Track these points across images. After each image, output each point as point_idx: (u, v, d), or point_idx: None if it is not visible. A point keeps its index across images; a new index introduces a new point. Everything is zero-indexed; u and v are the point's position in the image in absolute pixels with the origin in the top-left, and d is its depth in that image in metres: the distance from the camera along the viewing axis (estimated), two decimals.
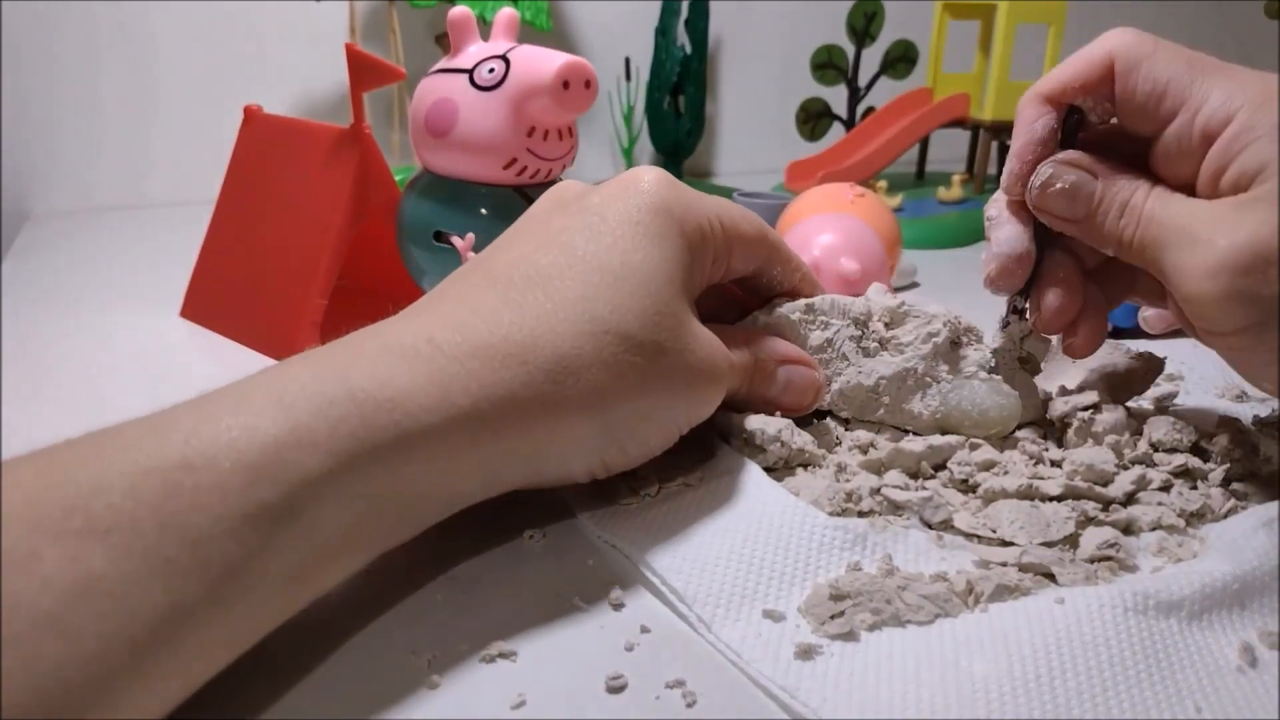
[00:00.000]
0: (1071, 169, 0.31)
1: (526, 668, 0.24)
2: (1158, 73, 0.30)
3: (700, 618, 0.26)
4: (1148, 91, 0.30)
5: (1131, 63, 0.30)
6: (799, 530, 0.28)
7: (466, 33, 0.43)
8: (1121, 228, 0.31)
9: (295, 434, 0.22)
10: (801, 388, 0.34)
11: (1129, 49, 0.30)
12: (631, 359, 0.27)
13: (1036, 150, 0.32)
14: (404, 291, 0.50)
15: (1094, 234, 0.32)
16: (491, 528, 0.30)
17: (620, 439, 0.28)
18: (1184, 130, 0.29)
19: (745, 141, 1.11)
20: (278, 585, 0.22)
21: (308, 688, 0.23)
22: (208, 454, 0.21)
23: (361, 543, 0.24)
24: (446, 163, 0.43)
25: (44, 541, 0.18)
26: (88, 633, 0.18)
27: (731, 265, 0.33)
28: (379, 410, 0.23)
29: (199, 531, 0.20)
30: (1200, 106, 0.29)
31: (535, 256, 0.28)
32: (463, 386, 0.25)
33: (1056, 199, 0.32)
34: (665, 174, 0.31)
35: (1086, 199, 0.31)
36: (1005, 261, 0.33)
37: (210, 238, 0.54)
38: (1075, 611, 0.24)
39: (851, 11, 0.86)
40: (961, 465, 0.32)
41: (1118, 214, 0.31)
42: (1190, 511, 0.30)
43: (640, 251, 0.29)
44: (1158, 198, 0.30)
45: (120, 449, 0.21)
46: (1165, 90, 0.30)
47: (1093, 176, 0.31)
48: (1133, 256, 0.31)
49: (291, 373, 0.24)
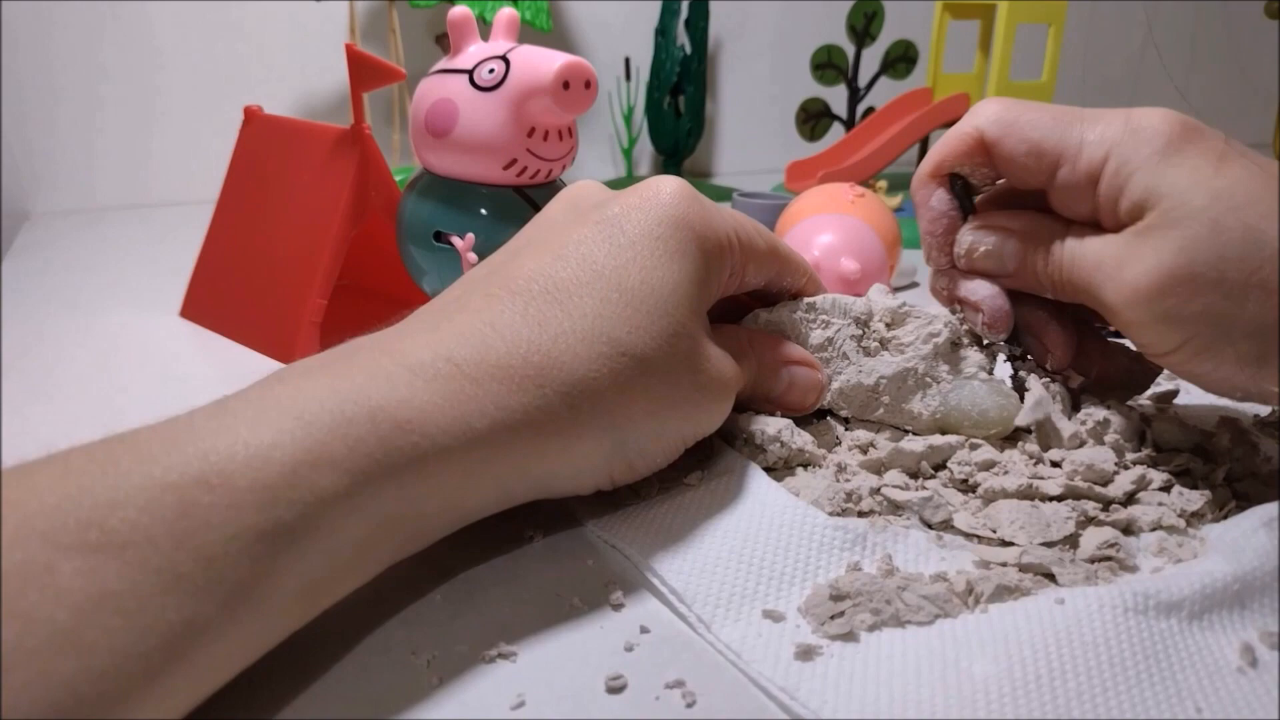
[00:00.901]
0: (989, 232, 0.34)
1: (526, 668, 0.24)
2: (1028, 134, 0.32)
3: (700, 618, 0.26)
4: (1024, 152, 0.32)
5: (1001, 131, 0.32)
6: (799, 530, 0.28)
7: (466, 33, 0.43)
8: (1050, 274, 0.33)
9: (313, 453, 0.22)
10: (804, 388, 0.34)
11: (996, 118, 0.32)
12: (646, 382, 0.28)
13: (942, 223, 0.35)
14: (404, 291, 0.51)
15: (1027, 283, 0.34)
16: (491, 528, 0.30)
17: (629, 456, 0.29)
18: (1070, 178, 0.31)
19: (745, 141, 1.11)
20: (288, 601, 0.22)
21: (307, 688, 0.23)
22: (225, 471, 0.21)
23: (373, 558, 0.24)
24: (446, 163, 0.43)
25: (60, 555, 0.18)
26: (101, 648, 0.18)
27: (745, 280, 0.33)
28: (397, 431, 0.23)
29: (214, 549, 0.20)
30: (1078, 154, 0.31)
31: (555, 269, 0.28)
32: (480, 409, 0.25)
33: (984, 261, 0.34)
34: (685, 185, 0.31)
35: (1011, 256, 0.33)
36: (993, 302, 0.34)
37: (210, 238, 0.54)
38: (1075, 612, 0.24)
39: (851, 11, 0.86)
40: (961, 465, 0.32)
41: (1043, 263, 0.33)
42: (1190, 511, 0.30)
43: (660, 269, 0.29)
44: (1073, 241, 0.32)
45: (137, 461, 0.20)
46: (1040, 148, 0.31)
47: (1009, 233, 0.33)
48: (1069, 296, 0.33)
49: (309, 387, 0.23)
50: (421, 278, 0.46)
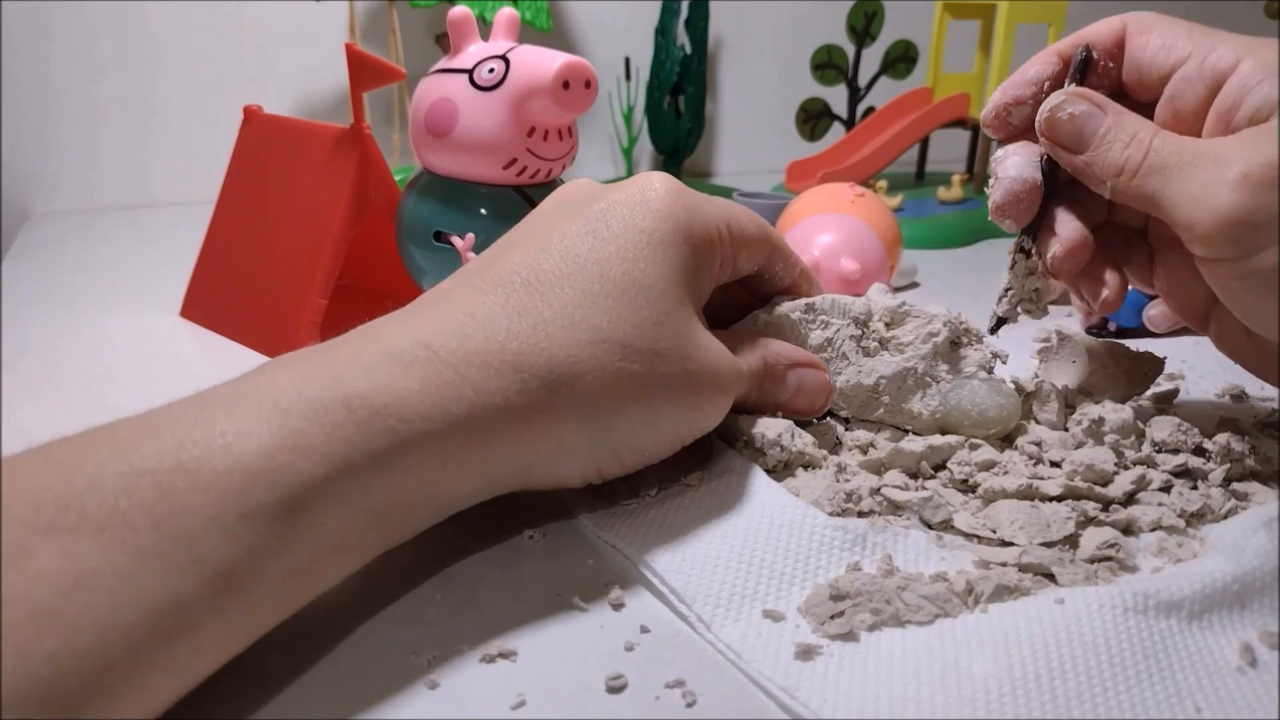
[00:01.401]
0: (1081, 100, 0.32)
1: (526, 668, 0.24)
2: (1168, 31, 0.32)
3: (700, 618, 0.26)
4: (1159, 45, 0.31)
5: (1145, 25, 0.32)
6: (799, 530, 0.28)
7: (466, 33, 0.43)
8: (1127, 157, 0.30)
9: (291, 439, 0.22)
10: (812, 391, 0.34)
11: (1143, 17, 0.33)
12: (629, 367, 0.27)
13: (1024, 88, 0.34)
14: (404, 291, 0.50)
15: (1098, 164, 0.31)
16: (491, 527, 0.30)
17: (616, 447, 0.28)
18: (1193, 72, 0.31)
19: (745, 141, 1.11)
20: (276, 584, 0.22)
21: (307, 688, 0.23)
22: (202, 458, 0.21)
23: (359, 545, 0.24)
24: (446, 163, 0.43)
25: (36, 537, 0.19)
26: (83, 624, 0.18)
27: (737, 267, 0.33)
28: (374, 416, 0.23)
29: (194, 530, 0.20)
30: (1209, 54, 0.30)
31: (538, 261, 0.28)
32: (458, 394, 0.25)
33: (1064, 125, 0.32)
34: (674, 181, 0.31)
35: (1094, 129, 0.31)
36: (1012, 186, 0.33)
37: (210, 238, 0.54)
38: (1075, 612, 0.24)
39: (851, 11, 0.86)
40: (961, 465, 0.32)
41: (1124, 144, 0.31)
42: (1190, 512, 0.30)
43: (642, 261, 0.29)
44: (1164, 134, 0.30)
45: (115, 450, 0.21)
46: (1174, 44, 0.31)
47: (1100, 107, 0.32)
48: (1133, 189, 0.30)
49: (287, 376, 0.24)
50: (421, 277, 0.46)
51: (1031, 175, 0.33)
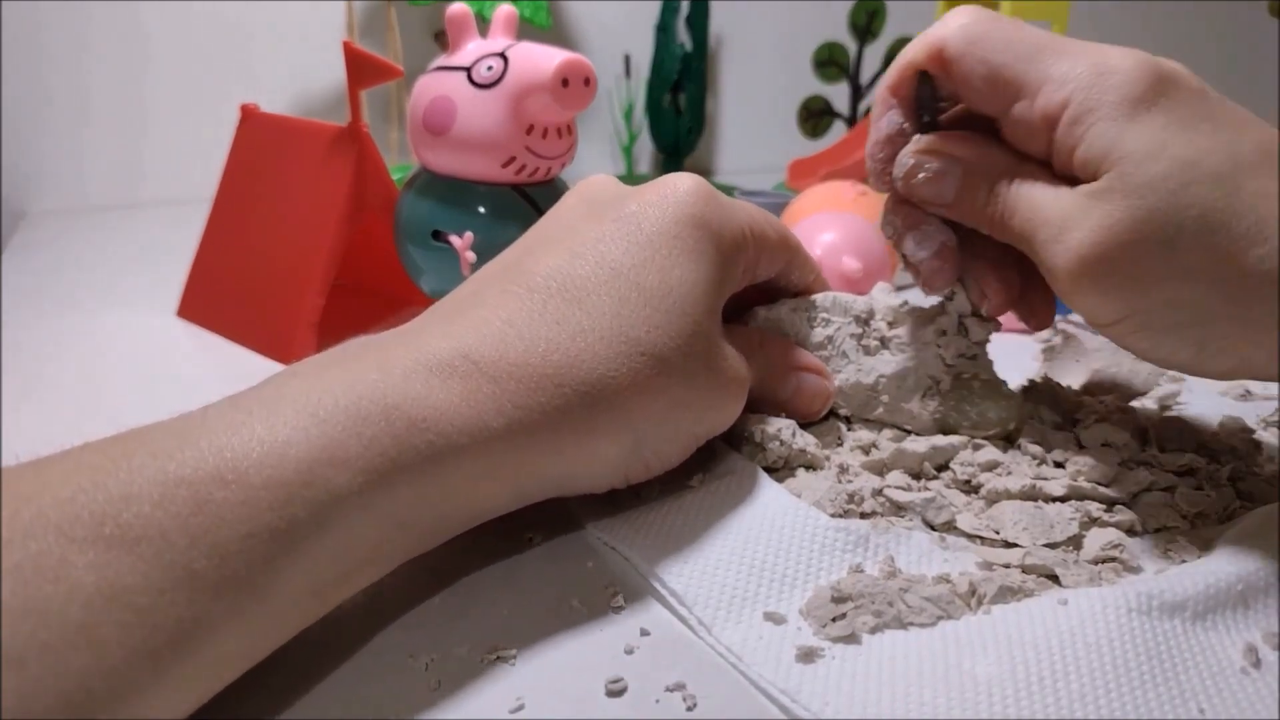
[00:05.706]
0: (932, 157, 0.31)
1: (525, 671, 0.24)
2: (990, 56, 0.29)
3: (701, 620, 0.25)
4: (982, 75, 0.29)
5: (964, 47, 0.29)
6: (800, 532, 0.28)
7: (465, 30, 0.43)
8: (989, 215, 0.30)
9: (328, 451, 0.22)
10: (811, 395, 0.34)
11: (962, 31, 0.29)
12: (664, 382, 0.27)
13: (883, 148, 0.32)
14: (402, 291, 0.50)
15: (965, 216, 0.31)
16: (491, 529, 0.29)
17: (645, 456, 0.28)
18: (1025, 115, 0.28)
19: (746, 139, 1.11)
20: (298, 599, 0.22)
21: (306, 691, 0.23)
22: (239, 468, 0.21)
23: (385, 557, 0.24)
24: (445, 161, 0.43)
25: (74, 549, 0.18)
26: (113, 644, 0.18)
27: (757, 274, 0.33)
28: (413, 429, 0.23)
29: (228, 546, 0.20)
30: (1038, 90, 0.28)
31: (572, 266, 0.28)
32: (497, 408, 0.25)
33: (922, 188, 0.31)
34: (702, 182, 0.30)
35: (952, 186, 0.30)
36: (929, 263, 0.32)
37: (207, 237, 0.54)
38: (1079, 613, 0.24)
39: (853, 9, 0.86)
40: (964, 466, 0.32)
41: (984, 199, 0.30)
42: (1194, 512, 0.30)
43: (678, 268, 0.28)
44: (1021, 184, 0.29)
45: (150, 456, 0.20)
46: (999, 75, 0.28)
47: (954, 160, 0.30)
48: (1007, 239, 0.30)
49: (324, 384, 0.23)
50: (419, 277, 0.46)
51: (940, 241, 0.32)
